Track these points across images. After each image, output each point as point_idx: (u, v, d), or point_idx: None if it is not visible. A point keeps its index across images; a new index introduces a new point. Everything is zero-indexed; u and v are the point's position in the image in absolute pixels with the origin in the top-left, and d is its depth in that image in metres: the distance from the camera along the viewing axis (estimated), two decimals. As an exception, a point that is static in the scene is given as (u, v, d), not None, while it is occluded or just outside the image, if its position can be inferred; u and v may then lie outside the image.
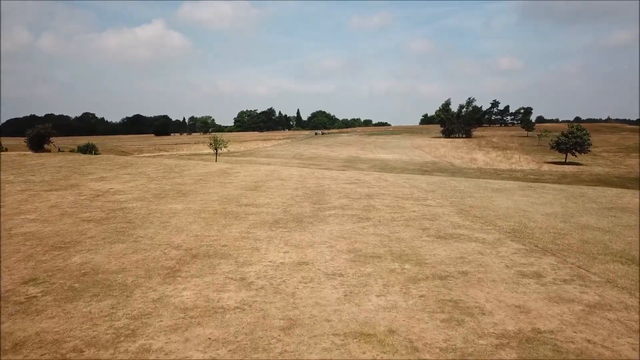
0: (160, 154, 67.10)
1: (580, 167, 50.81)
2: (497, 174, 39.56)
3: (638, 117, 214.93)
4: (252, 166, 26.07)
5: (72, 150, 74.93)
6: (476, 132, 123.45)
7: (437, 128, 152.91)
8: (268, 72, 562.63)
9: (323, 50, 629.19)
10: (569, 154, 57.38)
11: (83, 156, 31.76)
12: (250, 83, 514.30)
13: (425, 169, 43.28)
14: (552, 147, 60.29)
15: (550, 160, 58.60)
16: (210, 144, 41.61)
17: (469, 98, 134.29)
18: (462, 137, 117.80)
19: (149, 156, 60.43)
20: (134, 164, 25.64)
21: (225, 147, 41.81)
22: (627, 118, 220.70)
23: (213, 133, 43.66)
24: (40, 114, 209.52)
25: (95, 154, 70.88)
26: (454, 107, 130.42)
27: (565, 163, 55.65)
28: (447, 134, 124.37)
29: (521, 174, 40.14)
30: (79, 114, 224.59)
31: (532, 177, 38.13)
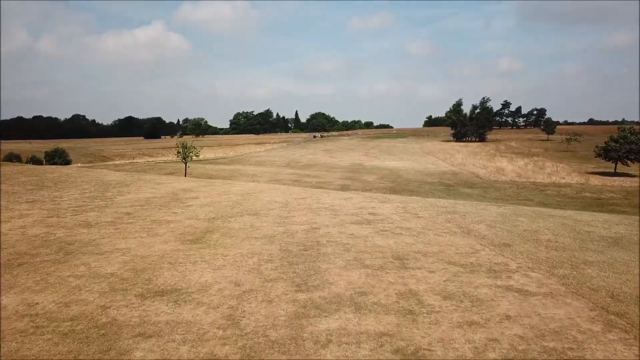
0: (134, 161, 61.08)
1: (636, 178, 44.24)
2: (540, 190, 33.10)
3: (639, 119, 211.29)
4: (224, 185, 19.97)
5: (32, 157, 69.01)
6: (489, 136, 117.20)
7: (445, 130, 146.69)
8: (267, 74, 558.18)
9: (322, 52, 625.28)
10: (617, 162, 50.23)
11: (11, 168, 25.73)
12: (249, 85, 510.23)
13: (447, 182, 36.85)
14: (599, 155, 53.34)
15: (592, 169, 51.84)
16: (178, 153, 34.78)
17: (483, 98, 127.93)
18: (475, 141, 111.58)
19: (119, 163, 54.26)
20: (63, 181, 19.60)
21: (196, 155, 35.17)
22: (634, 120, 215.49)
23: (183, 138, 36.97)
24: (38, 116, 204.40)
25: (53, 161, 64.92)
26: (466, 108, 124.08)
27: (614, 174, 48.96)
28: (459, 137, 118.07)
29: (571, 190, 33.45)
30: (69, 116, 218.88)
31: (588, 194, 31.56)
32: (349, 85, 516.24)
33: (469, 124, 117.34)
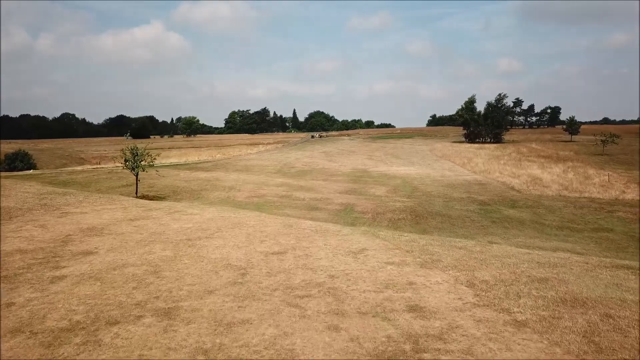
0: (99, 166, 54.74)
1: None
2: (607, 212, 26.47)
3: (638, 118, 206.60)
4: (166, 217, 13.67)
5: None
6: (505, 136, 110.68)
7: (453, 130, 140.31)
8: (266, 74, 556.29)
9: (322, 52, 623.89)
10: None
11: None
12: (248, 85, 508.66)
13: (479, 199, 30.22)
14: None
15: (647, 178, 45.50)
16: (126, 162, 27.84)
17: (500, 94, 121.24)
18: (490, 142, 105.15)
19: (80, 169, 47.94)
20: None
21: (151, 164, 28.39)
22: (634, 119, 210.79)
23: (130, 141, 30.39)
24: (25, 114, 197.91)
25: (13, 164, 58.62)
26: (479, 106, 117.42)
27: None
28: (472, 138, 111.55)
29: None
30: (61, 115, 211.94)
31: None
32: (348, 85, 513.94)
33: (484, 124, 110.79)
